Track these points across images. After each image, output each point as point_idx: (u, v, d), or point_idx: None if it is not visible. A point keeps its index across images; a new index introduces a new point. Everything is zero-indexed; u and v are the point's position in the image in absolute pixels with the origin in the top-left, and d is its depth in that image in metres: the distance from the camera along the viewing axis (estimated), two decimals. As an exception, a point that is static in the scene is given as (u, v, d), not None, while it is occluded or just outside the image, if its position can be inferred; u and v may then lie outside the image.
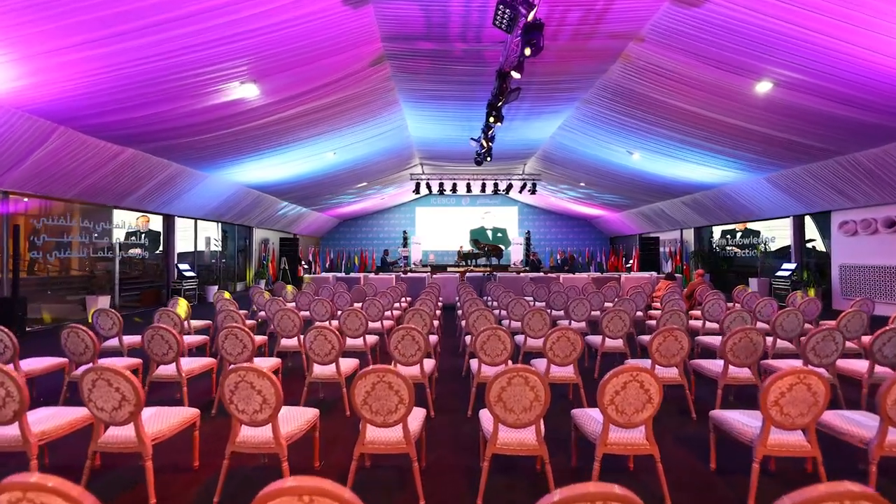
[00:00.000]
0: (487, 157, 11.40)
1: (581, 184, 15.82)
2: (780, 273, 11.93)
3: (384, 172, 15.52)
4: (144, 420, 2.67)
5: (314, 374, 3.91)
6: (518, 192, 17.30)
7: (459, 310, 7.87)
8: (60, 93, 6.09)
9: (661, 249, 18.17)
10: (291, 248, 17.83)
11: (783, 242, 13.53)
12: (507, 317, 6.41)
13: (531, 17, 5.17)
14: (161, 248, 12.37)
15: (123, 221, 10.96)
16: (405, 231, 22.76)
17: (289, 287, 9.09)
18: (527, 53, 5.68)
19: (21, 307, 7.77)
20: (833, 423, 2.70)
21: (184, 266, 12.39)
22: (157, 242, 12.41)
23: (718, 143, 9.51)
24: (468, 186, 18.17)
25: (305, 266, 18.84)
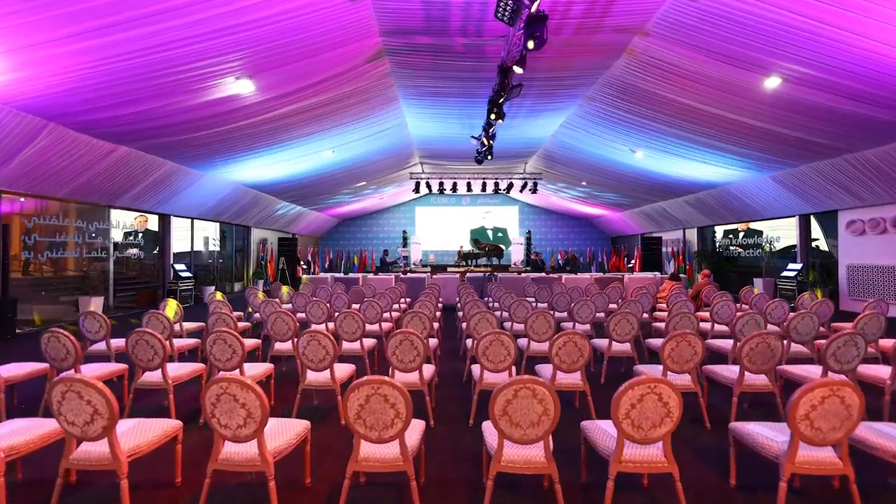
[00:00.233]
0: (488, 156, 11.20)
1: (583, 183, 15.63)
2: (786, 273, 11.73)
3: (383, 171, 15.32)
4: (121, 434, 2.48)
5: (307, 381, 3.71)
6: (519, 192, 17.10)
7: (460, 311, 7.67)
8: (48, 88, 5.90)
9: (664, 249, 17.98)
10: (290, 248, 17.63)
11: (786, 242, 13.34)
12: (510, 319, 6.22)
13: (534, 9, 4.97)
14: (157, 249, 12.19)
15: (118, 221, 10.76)
16: (405, 231, 22.56)
17: (284, 288, 8.87)
18: (530, 47, 5.48)
19: (11, 308, 7.57)
20: (863, 437, 2.51)
21: (180, 266, 12.20)
22: (155, 242, 12.23)
23: (724, 141, 9.32)
24: (468, 186, 17.97)
25: (304, 266, 18.64)
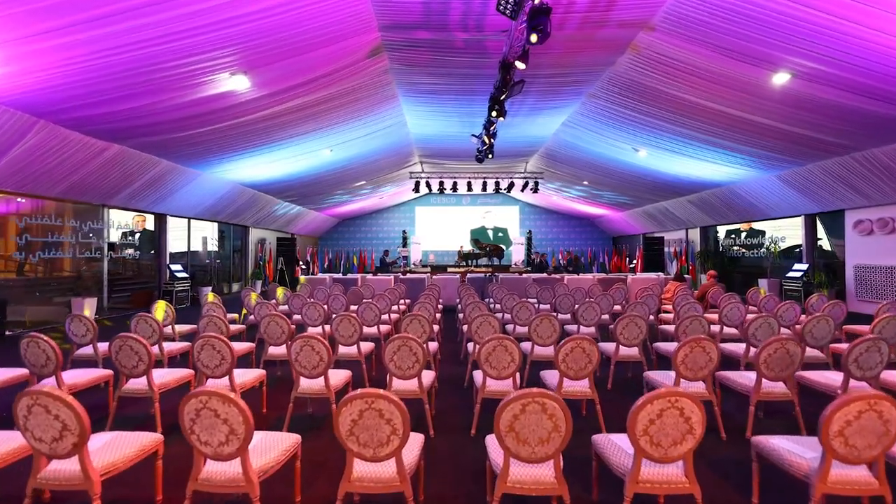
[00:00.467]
0: (489, 154, 11.01)
1: (584, 182, 15.44)
2: (791, 274, 11.54)
3: (383, 170, 15.13)
4: (96, 449, 2.30)
5: (300, 389, 3.52)
6: (520, 191, 16.91)
7: (461, 313, 7.48)
8: (35, 84, 5.71)
9: (666, 249, 17.79)
10: (289, 249, 17.44)
11: (790, 242, 13.16)
12: (512, 321, 6.03)
13: (538, 0, 4.79)
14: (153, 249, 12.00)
15: (116, 221, 10.60)
16: (405, 231, 22.37)
17: (279, 290, 8.68)
18: (533, 41, 5.29)
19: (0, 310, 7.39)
20: (896, 453, 2.32)
21: (176, 266, 12.01)
22: (153, 243, 12.05)
23: (729, 139, 9.13)
24: (469, 185, 17.77)
25: (303, 266, 18.44)
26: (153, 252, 11.99)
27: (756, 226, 14.47)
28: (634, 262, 18.32)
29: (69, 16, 4.58)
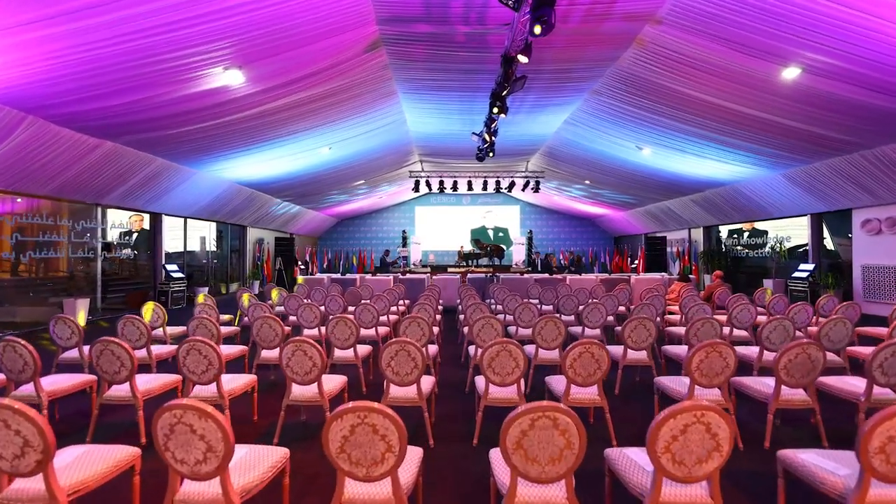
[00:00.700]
0: (490, 153, 10.82)
1: (586, 181, 15.25)
2: (797, 274, 11.34)
3: (382, 169, 14.94)
4: (66, 465, 2.11)
5: (292, 396, 3.33)
6: (521, 190, 16.71)
7: (462, 314, 7.28)
8: (21, 77, 5.51)
9: (668, 249, 17.59)
10: (287, 248, 17.25)
11: (794, 242, 12.98)
12: (514, 323, 5.84)
13: (543, -11, 4.61)
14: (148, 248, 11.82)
15: (111, 221, 10.41)
16: (404, 231, 22.18)
17: (274, 291, 8.47)
18: (536, 32, 5.11)
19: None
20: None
21: (172, 267, 11.82)
22: (150, 242, 11.86)
23: (735, 137, 8.94)
24: (469, 184, 17.58)
25: (302, 266, 18.24)
26: (150, 252, 11.80)
27: (758, 225, 14.28)
28: (636, 263, 18.13)
29: (53, 5, 4.39)
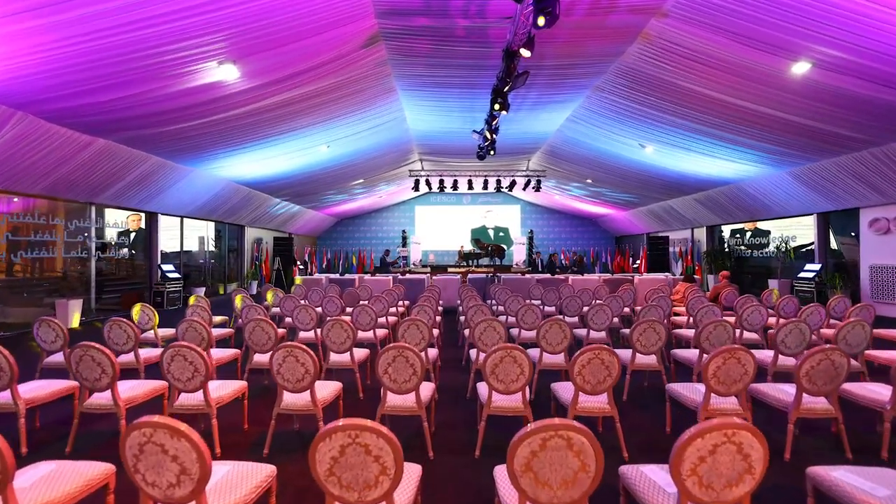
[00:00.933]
0: (491, 151, 10.63)
1: (588, 180, 15.06)
2: (803, 274, 11.15)
3: (382, 168, 14.75)
4: (30, 485, 1.92)
5: (284, 404, 3.14)
6: (522, 190, 16.52)
7: (462, 315, 7.09)
8: (8, 71, 5.32)
9: (671, 249, 17.40)
10: (286, 248, 17.06)
11: (798, 242, 12.80)
12: (517, 325, 5.65)
13: (547, -21, 4.43)
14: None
15: (109, 221, 10.24)
16: (404, 230, 22.00)
17: (269, 292, 8.28)
18: (540, 24, 4.93)
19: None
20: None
21: (167, 267, 11.64)
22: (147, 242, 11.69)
23: (741, 134, 8.76)
24: (469, 183, 17.39)
25: (301, 266, 18.06)
26: (146, 252, 11.63)
27: (761, 225, 14.10)
28: (638, 263, 17.95)
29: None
